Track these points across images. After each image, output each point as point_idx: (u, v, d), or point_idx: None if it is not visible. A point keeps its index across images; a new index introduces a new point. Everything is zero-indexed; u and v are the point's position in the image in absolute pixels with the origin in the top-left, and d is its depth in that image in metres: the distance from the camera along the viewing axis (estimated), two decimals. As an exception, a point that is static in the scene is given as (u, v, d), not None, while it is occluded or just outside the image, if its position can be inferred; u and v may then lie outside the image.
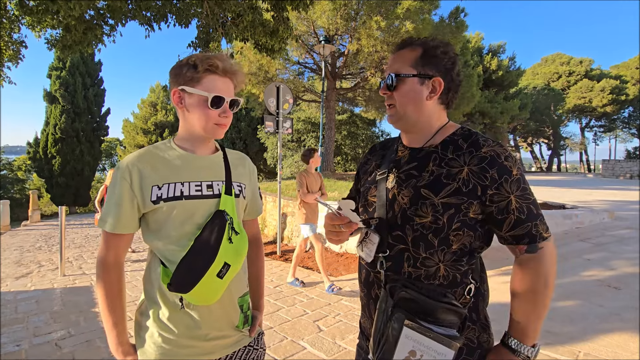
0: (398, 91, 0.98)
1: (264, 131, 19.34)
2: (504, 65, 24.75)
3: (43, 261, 6.63)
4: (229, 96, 1.08)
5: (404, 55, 1.00)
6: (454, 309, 0.84)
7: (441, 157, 0.95)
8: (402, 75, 0.97)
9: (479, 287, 0.96)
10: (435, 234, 0.90)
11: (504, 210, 0.89)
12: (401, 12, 10.10)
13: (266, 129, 6.13)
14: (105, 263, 1.05)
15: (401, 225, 0.94)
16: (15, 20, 5.15)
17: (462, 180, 0.90)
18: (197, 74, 1.04)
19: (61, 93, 20.41)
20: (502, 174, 0.88)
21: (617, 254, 5.22)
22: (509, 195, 0.88)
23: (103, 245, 1.06)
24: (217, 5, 4.96)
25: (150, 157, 1.07)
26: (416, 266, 0.93)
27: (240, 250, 1.09)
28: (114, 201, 1.03)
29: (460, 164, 0.91)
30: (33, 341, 3.08)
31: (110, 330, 1.06)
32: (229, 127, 1.13)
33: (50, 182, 21.13)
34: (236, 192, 1.15)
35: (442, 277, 0.92)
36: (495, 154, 0.89)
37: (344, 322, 3.27)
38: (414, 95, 0.97)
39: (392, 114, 1.02)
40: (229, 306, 1.12)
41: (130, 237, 1.10)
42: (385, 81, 1.01)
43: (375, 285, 0.99)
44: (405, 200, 0.94)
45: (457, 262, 0.92)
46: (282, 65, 12.70)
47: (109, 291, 1.05)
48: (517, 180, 0.89)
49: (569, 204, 8.51)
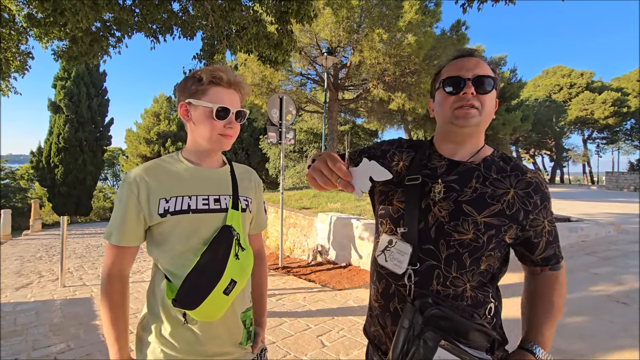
0: (490, 96, 0.94)
1: (266, 142, 19.40)
2: (505, 77, 24.89)
3: (43, 271, 6.58)
4: (234, 107, 1.08)
5: (484, 65, 0.96)
6: (485, 330, 0.82)
7: (485, 176, 0.93)
8: (495, 84, 0.95)
9: (497, 306, 0.96)
10: (471, 254, 0.89)
11: (539, 234, 0.94)
12: (403, 24, 10.22)
13: (269, 139, 6.14)
14: (109, 275, 1.04)
15: (435, 239, 0.90)
16: (23, 32, 5.22)
17: (507, 203, 0.90)
18: (202, 86, 1.05)
19: (65, 103, 20.60)
20: (544, 200, 0.93)
21: (624, 268, 5.14)
22: (544, 220, 0.93)
23: (108, 258, 1.05)
24: (222, 18, 5.02)
25: (157, 169, 1.06)
26: (445, 285, 0.90)
27: (246, 267, 1.07)
28: (120, 214, 1.02)
29: (506, 186, 0.92)
30: (32, 354, 3.03)
31: (112, 344, 1.03)
32: (235, 138, 1.12)
33: (52, 192, 21.16)
34: (243, 206, 1.14)
35: (468, 298, 0.90)
36: (539, 181, 0.94)
37: (348, 337, 3.21)
38: (493, 104, 0.98)
39: (475, 116, 0.92)
40: (232, 322, 1.10)
41: (135, 250, 1.08)
42: (474, 80, 0.92)
43: (397, 299, 0.95)
44: (444, 214, 0.90)
45: (483, 284, 0.92)
46: (285, 76, 12.81)
47: (113, 304, 1.03)
48: (550, 209, 0.96)
49: (574, 217, 8.44)
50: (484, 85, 0.92)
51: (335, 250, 5.97)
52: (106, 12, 4.64)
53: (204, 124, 1.05)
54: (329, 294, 4.49)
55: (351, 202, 7.82)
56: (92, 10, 4.26)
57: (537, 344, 0.93)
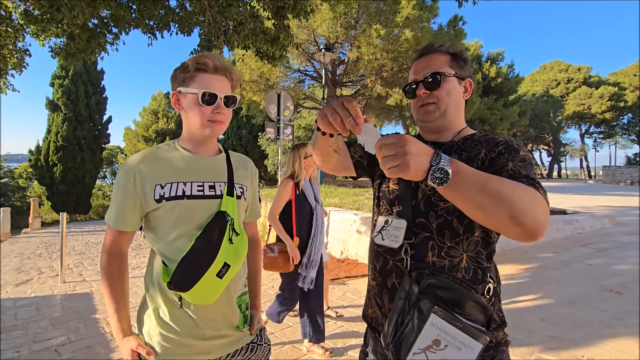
0: (442, 89, 1.01)
1: (264, 138, 19.44)
2: (503, 73, 24.90)
3: (43, 268, 6.61)
4: (222, 92, 1.08)
5: (436, 58, 1.04)
6: (482, 304, 0.81)
7: (461, 148, 1.00)
8: (446, 74, 1.02)
9: (496, 287, 0.97)
10: (459, 219, 0.91)
11: (497, 172, 0.87)
12: (401, 20, 10.23)
13: (267, 135, 6.17)
14: (109, 252, 1.09)
15: (425, 211, 0.95)
16: (20, 29, 5.22)
17: (481, 160, 0.94)
18: (188, 73, 1.07)
19: (63, 101, 20.54)
20: (510, 150, 0.92)
21: (619, 259, 5.20)
22: (507, 162, 0.89)
23: (108, 238, 1.10)
24: (219, 14, 5.03)
25: (153, 157, 1.09)
26: (441, 256, 0.92)
27: (240, 251, 1.10)
28: (118, 199, 1.06)
29: (478, 149, 0.97)
30: (32, 347, 3.06)
31: (112, 315, 1.09)
32: (227, 124, 1.14)
33: (51, 190, 21.15)
34: (238, 193, 1.16)
35: (464, 269, 0.92)
36: (509, 140, 0.96)
37: (346, 328, 3.25)
38: (455, 93, 1.03)
39: (434, 110, 1.02)
40: (227, 306, 1.13)
41: (132, 234, 1.13)
42: (424, 81, 1.02)
43: (394, 274, 0.98)
44: (429, 187, 0.93)
45: (479, 254, 0.93)
46: (283, 72, 12.82)
47: (112, 279, 1.08)
48: (522, 158, 0.90)
49: (570, 210, 8.50)
50: (433, 81, 1.01)
51: (333, 244, 6.02)
52: (103, 9, 4.65)
53: (192, 110, 1.07)
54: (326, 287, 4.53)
55: (349, 197, 7.85)
56: (89, 7, 4.27)
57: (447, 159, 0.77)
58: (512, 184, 0.77)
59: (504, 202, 0.72)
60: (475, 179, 0.76)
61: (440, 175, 0.73)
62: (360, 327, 3.28)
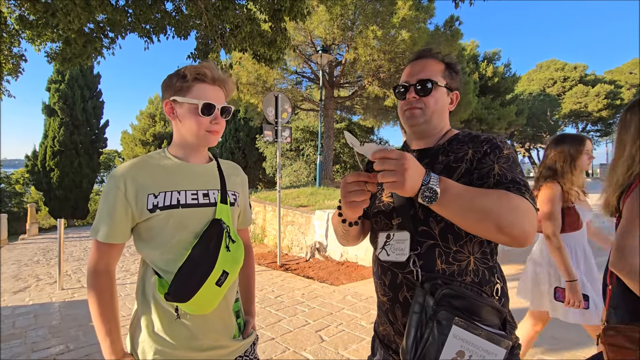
0: (432, 97, 1.03)
1: (262, 140, 19.40)
2: (500, 72, 24.96)
3: (41, 275, 6.56)
4: (219, 103, 1.09)
5: (432, 65, 1.05)
6: (497, 307, 0.82)
7: (448, 150, 1.02)
8: (438, 83, 1.03)
9: (503, 287, 0.97)
10: None
11: (484, 177, 0.91)
12: (397, 21, 10.23)
13: (265, 138, 6.15)
14: (96, 271, 1.04)
15: (425, 219, 0.95)
16: (15, 34, 5.19)
17: (469, 161, 0.95)
18: (186, 83, 1.06)
19: (60, 106, 20.46)
20: (494, 148, 0.94)
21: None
22: (493, 164, 0.92)
23: (94, 254, 1.05)
24: (215, 17, 5.02)
25: (144, 165, 1.07)
26: (449, 262, 0.92)
27: (237, 258, 1.09)
28: (107, 210, 1.02)
29: (465, 149, 0.99)
30: (31, 356, 3.03)
31: (104, 339, 1.03)
32: (222, 135, 1.15)
33: (48, 195, 21.04)
34: (231, 200, 1.16)
35: (472, 272, 0.92)
36: (491, 137, 0.99)
37: (347, 332, 3.23)
38: (442, 103, 1.05)
39: (419, 116, 1.03)
40: (225, 314, 1.12)
41: (121, 247, 1.09)
42: (415, 85, 1.03)
43: (405, 287, 0.96)
44: None
45: (484, 254, 0.94)
46: (280, 75, 12.79)
47: (101, 299, 1.04)
48: (507, 157, 0.93)
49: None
50: (424, 88, 1.02)
51: (332, 247, 6.00)
52: (99, 13, 4.63)
53: (190, 120, 1.07)
54: (327, 290, 4.52)
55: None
56: (85, 12, 4.25)
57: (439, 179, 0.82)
58: (497, 196, 0.82)
59: (491, 216, 0.79)
60: (463, 195, 0.81)
61: (429, 194, 0.79)
62: (361, 330, 3.26)
